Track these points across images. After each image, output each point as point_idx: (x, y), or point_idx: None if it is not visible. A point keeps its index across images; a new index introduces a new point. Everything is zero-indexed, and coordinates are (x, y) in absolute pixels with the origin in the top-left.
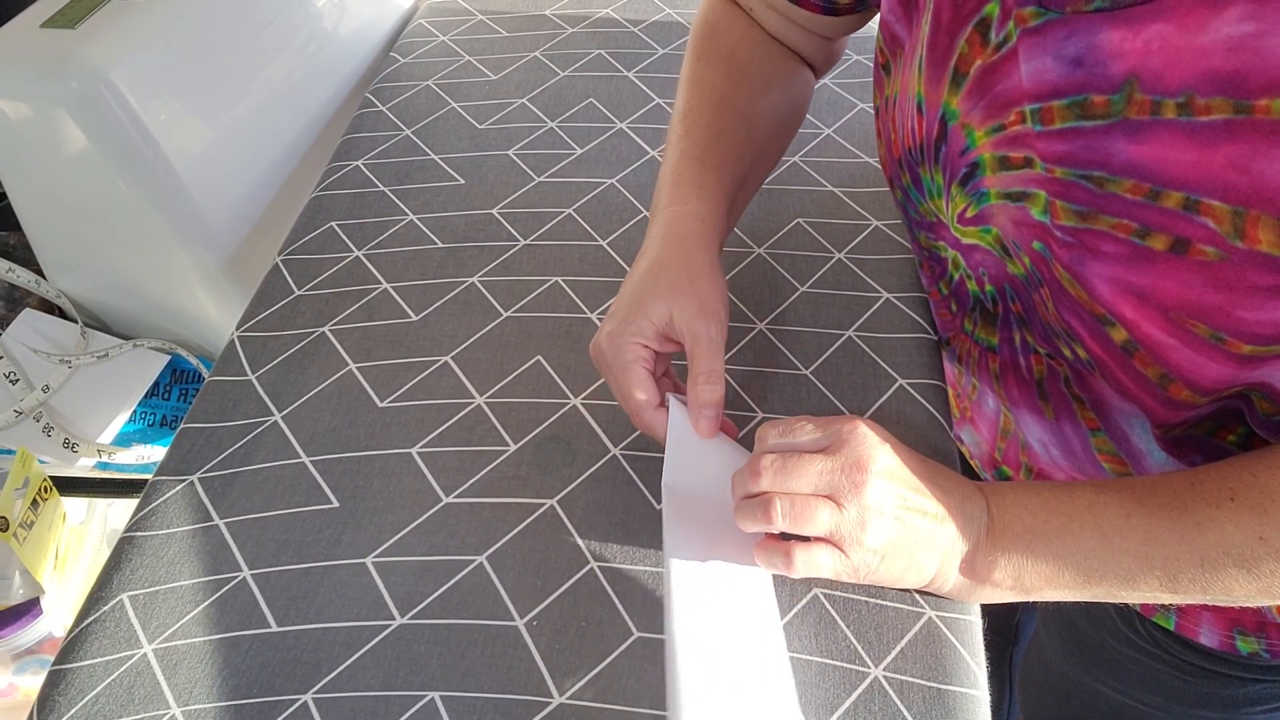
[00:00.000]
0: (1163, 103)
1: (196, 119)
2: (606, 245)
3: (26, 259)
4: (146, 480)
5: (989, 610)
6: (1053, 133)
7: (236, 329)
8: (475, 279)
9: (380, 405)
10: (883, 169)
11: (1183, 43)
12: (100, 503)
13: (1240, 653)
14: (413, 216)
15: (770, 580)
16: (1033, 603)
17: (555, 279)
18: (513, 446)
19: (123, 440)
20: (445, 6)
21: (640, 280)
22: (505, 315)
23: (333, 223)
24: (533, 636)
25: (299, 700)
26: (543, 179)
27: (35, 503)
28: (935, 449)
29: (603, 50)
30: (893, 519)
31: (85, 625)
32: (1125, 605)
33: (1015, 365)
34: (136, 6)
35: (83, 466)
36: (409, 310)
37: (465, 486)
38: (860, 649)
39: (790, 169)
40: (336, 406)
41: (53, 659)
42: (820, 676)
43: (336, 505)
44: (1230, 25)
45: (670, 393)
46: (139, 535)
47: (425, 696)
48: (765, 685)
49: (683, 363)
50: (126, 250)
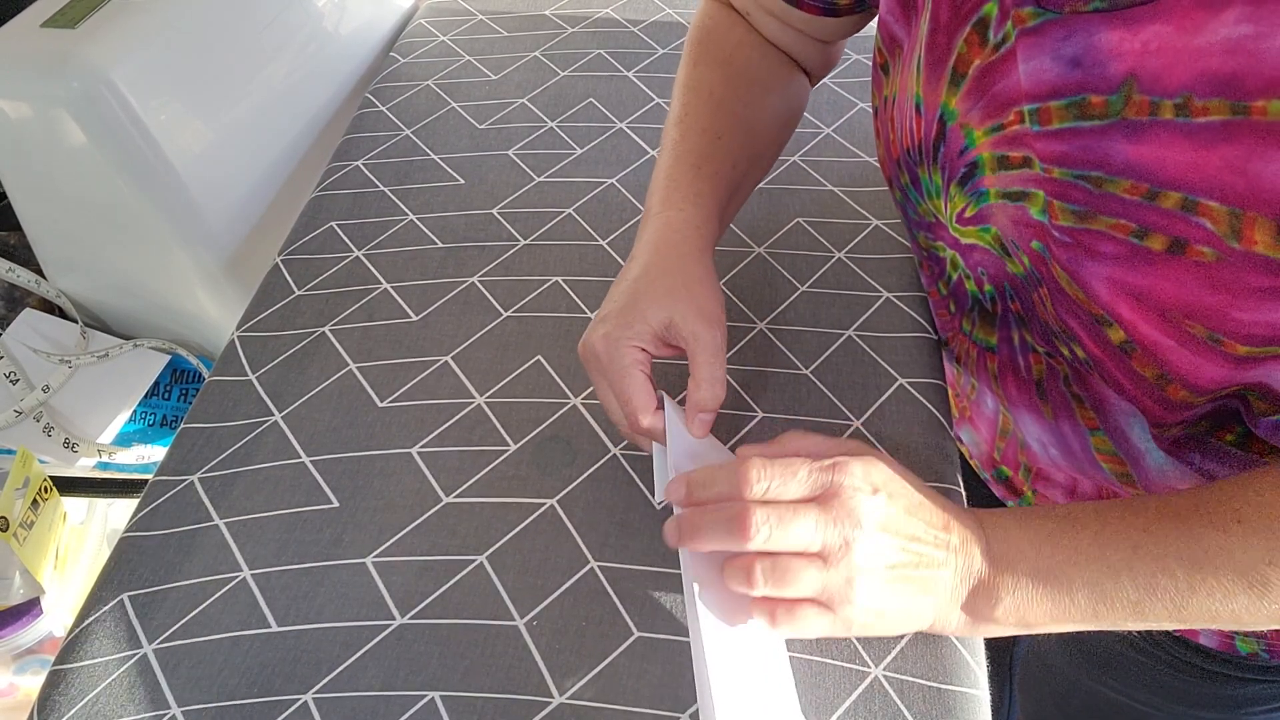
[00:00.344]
0: (1161, 103)
1: (196, 119)
2: (606, 245)
3: (26, 259)
4: (146, 480)
5: None
6: (1051, 133)
7: (237, 329)
8: (475, 279)
9: (380, 405)
10: (881, 169)
11: (1181, 44)
12: (100, 503)
13: (1240, 653)
14: (413, 216)
15: None
16: None
17: (555, 279)
18: (513, 446)
19: (123, 440)
20: (445, 6)
21: (635, 284)
22: (505, 315)
23: (333, 223)
24: (533, 636)
25: (299, 700)
26: (543, 179)
27: (35, 503)
28: (935, 448)
29: (603, 50)
30: (884, 577)
31: (85, 625)
32: None
33: (1014, 365)
34: (136, 6)
35: (83, 466)
36: (409, 310)
37: (465, 486)
38: (860, 648)
39: (790, 168)
40: (337, 406)
41: (53, 659)
42: (820, 676)
43: (336, 505)
44: (1228, 27)
45: (661, 391)
46: (139, 535)
47: (425, 696)
48: (766, 685)
49: (673, 363)
50: (126, 250)
